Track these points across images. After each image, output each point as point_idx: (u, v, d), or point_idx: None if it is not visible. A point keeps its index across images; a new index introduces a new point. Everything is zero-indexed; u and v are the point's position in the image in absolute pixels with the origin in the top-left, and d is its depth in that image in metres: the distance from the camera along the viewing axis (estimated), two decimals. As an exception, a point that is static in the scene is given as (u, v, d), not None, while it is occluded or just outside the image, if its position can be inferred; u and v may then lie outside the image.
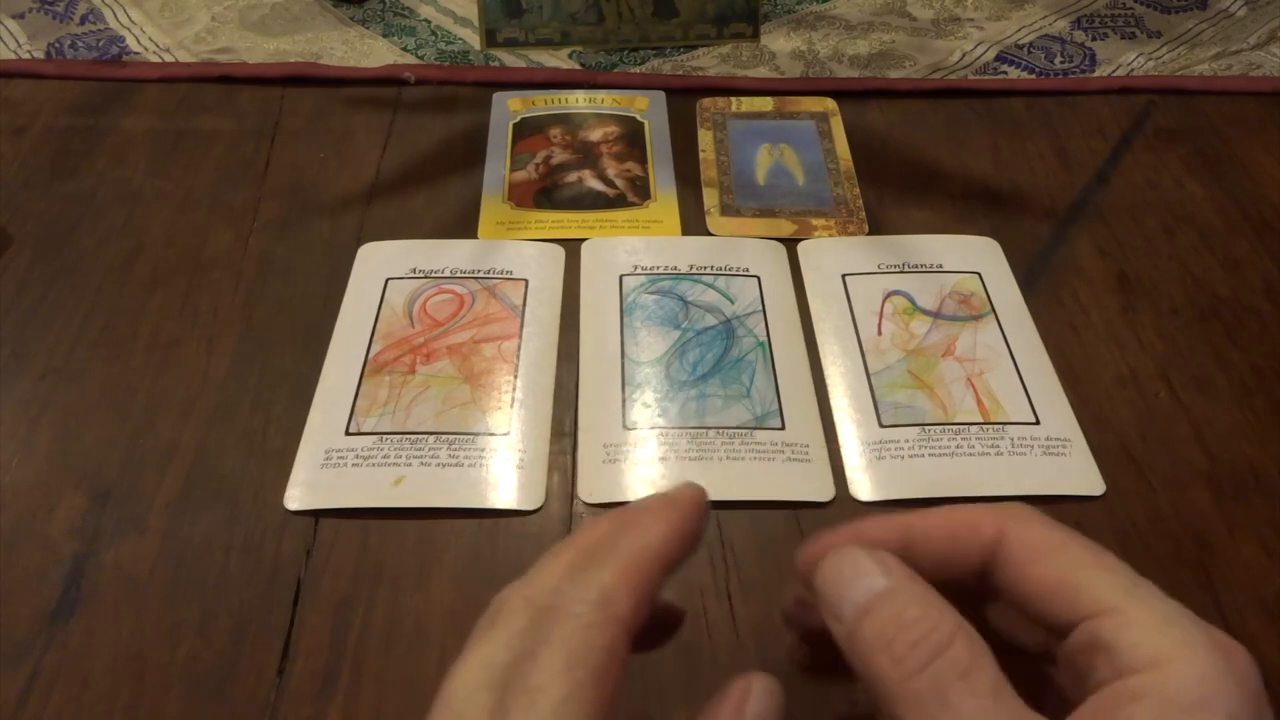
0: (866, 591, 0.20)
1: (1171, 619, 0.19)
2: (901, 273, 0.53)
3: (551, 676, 0.18)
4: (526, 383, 0.47)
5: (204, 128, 0.62)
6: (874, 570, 0.20)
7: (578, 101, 0.65)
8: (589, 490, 0.43)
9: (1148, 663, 0.18)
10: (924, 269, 0.53)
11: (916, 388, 0.47)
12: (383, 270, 0.53)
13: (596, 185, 0.59)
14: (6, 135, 0.61)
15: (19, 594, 0.39)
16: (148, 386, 0.47)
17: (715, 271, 0.53)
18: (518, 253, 0.54)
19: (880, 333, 0.50)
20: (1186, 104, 0.65)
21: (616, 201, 0.58)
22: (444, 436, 0.45)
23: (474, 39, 0.69)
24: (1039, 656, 0.22)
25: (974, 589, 0.22)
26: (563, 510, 0.43)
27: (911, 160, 0.61)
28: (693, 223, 0.57)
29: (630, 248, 0.54)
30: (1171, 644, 0.18)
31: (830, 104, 0.64)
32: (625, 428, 0.45)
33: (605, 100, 0.65)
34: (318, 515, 0.42)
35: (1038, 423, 0.46)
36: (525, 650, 0.19)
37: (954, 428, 0.46)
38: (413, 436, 0.45)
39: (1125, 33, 0.71)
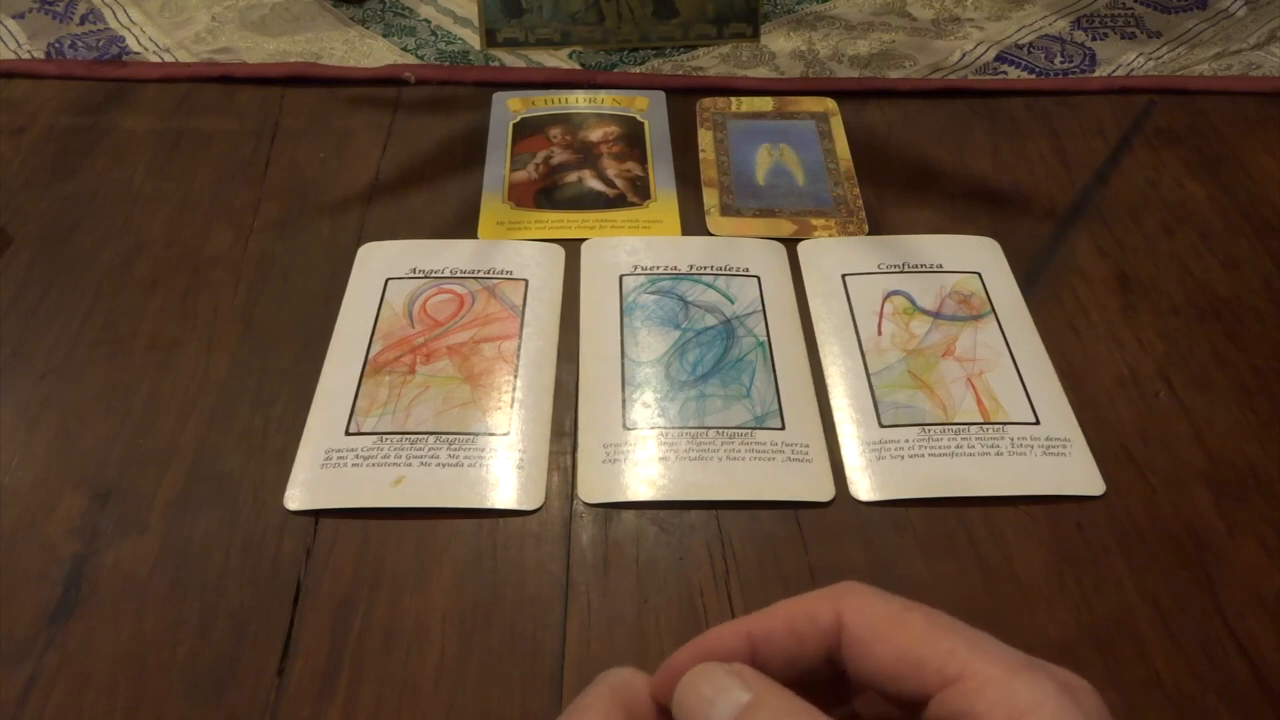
0: (732, 708, 0.19)
1: (1017, 671, 0.19)
2: (901, 273, 0.53)
3: None
4: (526, 383, 0.47)
5: (204, 128, 0.62)
6: (733, 685, 0.19)
7: (578, 101, 0.65)
8: (589, 490, 0.43)
9: (1016, 716, 0.18)
10: (924, 269, 0.53)
11: (916, 388, 0.47)
12: (383, 270, 0.53)
13: (596, 185, 0.59)
14: (6, 135, 0.61)
15: (19, 594, 0.39)
16: (148, 386, 0.47)
17: (715, 271, 0.53)
18: (518, 253, 0.54)
19: (880, 333, 0.50)
20: (1186, 104, 0.65)
21: (616, 201, 0.58)
22: (444, 436, 0.45)
23: (474, 39, 0.69)
24: None
25: (827, 677, 0.22)
26: (563, 510, 0.43)
27: (911, 160, 0.61)
28: (693, 223, 0.57)
29: (630, 248, 0.54)
30: (1023, 699, 0.18)
31: (830, 104, 0.64)
32: (625, 428, 0.45)
33: (605, 100, 0.65)
34: (318, 515, 0.42)
35: (1038, 423, 0.46)
36: None
37: (954, 428, 0.46)
38: (413, 436, 0.45)
39: (1125, 33, 0.71)
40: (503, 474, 0.43)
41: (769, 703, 0.19)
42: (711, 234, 0.56)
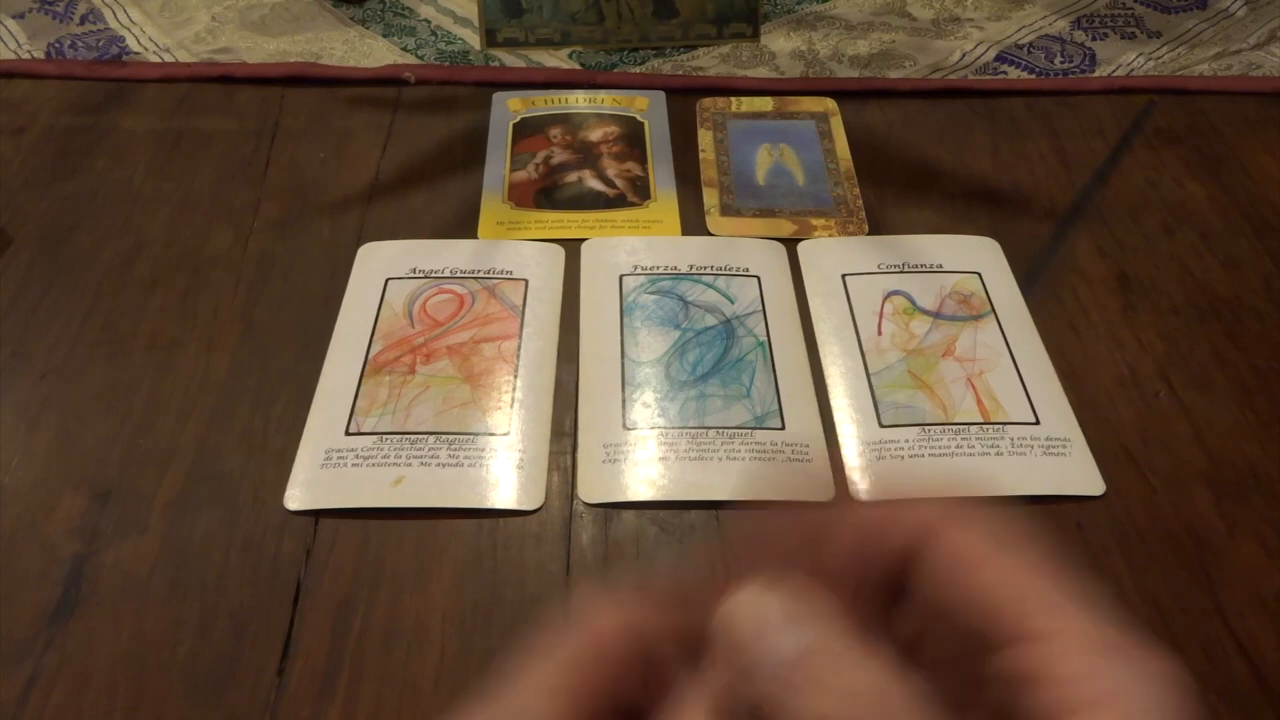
0: (789, 650, 0.17)
1: (1101, 650, 0.17)
2: (901, 273, 0.53)
3: None
4: (526, 383, 0.47)
5: (204, 128, 0.62)
6: (789, 626, 0.18)
7: (578, 101, 0.65)
8: (589, 490, 0.43)
9: (1087, 702, 0.17)
10: (924, 269, 0.53)
11: (916, 388, 0.47)
12: (383, 270, 0.53)
13: (596, 185, 0.59)
14: (6, 135, 0.61)
15: (19, 594, 0.39)
16: (148, 386, 0.47)
17: (715, 271, 0.53)
18: (518, 253, 0.54)
19: (880, 333, 0.50)
20: (1186, 104, 0.65)
21: (616, 201, 0.58)
22: (444, 436, 0.45)
23: (474, 39, 0.69)
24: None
25: (887, 587, 0.20)
26: (563, 510, 0.43)
27: (911, 160, 0.61)
28: (693, 223, 0.57)
29: (630, 248, 0.54)
30: (1099, 685, 0.17)
31: (830, 104, 0.64)
32: (625, 428, 0.45)
33: (605, 100, 0.65)
34: (318, 515, 0.42)
35: (1038, 423, 0.46)
36: None
37: (954, 428, 0.46)
38: (413, 436, 0.45)
39: (1125, 33, 0.71)
40: (503, 474, 0.43)
41: (827, 646, 0.17)
42: (711, 234, 0.56)
